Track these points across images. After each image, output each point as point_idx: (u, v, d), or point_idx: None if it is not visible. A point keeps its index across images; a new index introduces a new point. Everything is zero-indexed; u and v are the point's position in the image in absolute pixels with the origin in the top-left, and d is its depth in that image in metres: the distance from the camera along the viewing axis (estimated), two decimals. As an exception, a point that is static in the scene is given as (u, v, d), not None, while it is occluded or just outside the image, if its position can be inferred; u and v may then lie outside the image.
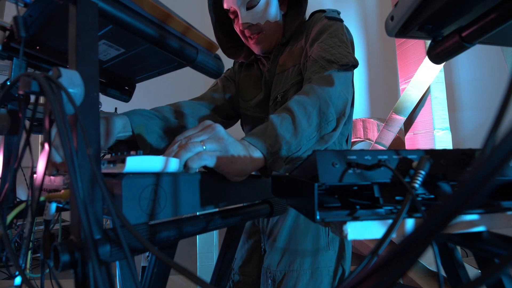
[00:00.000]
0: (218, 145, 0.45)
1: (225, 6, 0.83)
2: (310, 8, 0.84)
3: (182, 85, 4.40)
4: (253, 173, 0.54)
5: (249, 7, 0.80)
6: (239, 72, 1.01)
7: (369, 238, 0.30)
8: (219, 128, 0.47)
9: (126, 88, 0.77)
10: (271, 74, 0.89)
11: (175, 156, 0.42)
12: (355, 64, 0.72)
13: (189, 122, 0.83)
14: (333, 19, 0.81)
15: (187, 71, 0.69)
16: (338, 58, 0.70)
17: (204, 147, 0.44)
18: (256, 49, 0.88)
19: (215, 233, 1.92)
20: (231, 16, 0.85)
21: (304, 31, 0.85)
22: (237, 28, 0.86)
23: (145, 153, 0.46)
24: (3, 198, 0.35)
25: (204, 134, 0.46)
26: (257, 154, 0.51)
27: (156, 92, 4.08)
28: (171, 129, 0.76)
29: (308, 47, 0.79)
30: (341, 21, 0.81)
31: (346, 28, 0.81)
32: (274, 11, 0.83)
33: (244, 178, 0.50)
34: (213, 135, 0.46)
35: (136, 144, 0.68)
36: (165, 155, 0.43)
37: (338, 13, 0.84)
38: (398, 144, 2.16)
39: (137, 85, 0.79)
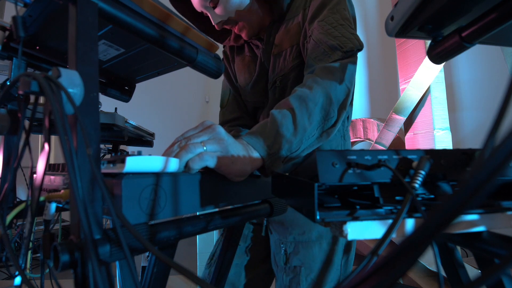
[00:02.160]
0: (218, 145, 0.46)
1: (197, 9, 0.80)
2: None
3: (182, 85, 4.41)
4: (255, 172, 0.54)
5: (213, 6, 0.76)
6: (232, 58, 0.96)
7: (369, 238, 0.30)
8: (219, 129, 0.47)
9: (126, 88, 0.77)
10: (267, 54, 0.84)
11: (175, 157, 0.42)
12: (360, 48, 0.67)
13: None
14: None
15: (187, 71, 0.69)
16: (342, 42, 0.65)
17: (205, 148, 0.44)
18: (243, 35, 0.84)
19: (215, 233, 1.92)
20: (209, 15, 0.81)
21: (301, 4, 0.78)
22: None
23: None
24: (3, 198, 0.35)
25: (205, 134, 0.46)
26: (255, 154, 0.51)
27: (156, 92, 4.09)
28: None
29: (307, 25, 0.73)
30: None
31: (349, 0, 0.74)
32: (238, 0, 0.77)
33: (244, 178, 0.50)
34: (213, 135, 0.46)
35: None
36: (165, 155, 0.43)
37: None
38: (398, 144, 2.16)
39: (137, 85, 0.79)
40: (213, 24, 0.79)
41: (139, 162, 0.35)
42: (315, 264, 0.79)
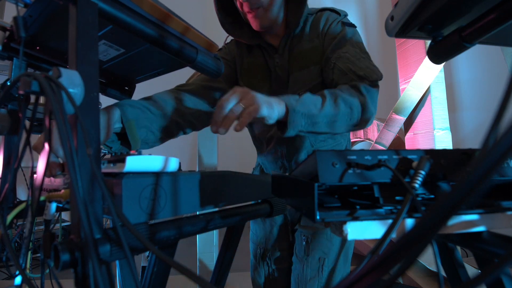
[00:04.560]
0: (250, 99, 0.56)
1: None
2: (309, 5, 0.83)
3: (182, 85, 4.40)
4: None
5: None
6: (240, 55, 0.96)
7: (369, 238, 0.30)
8: (245, 89, 0.58)
9: (126, 88, 0.77)
10: (284, 70, 0.86)
11: (223, 126, 0.55)
12: (381, 79, 0.76)
13: (187, 121, 0.80)
14: (350, 25, 0.82)
15: (187, 71, 0.69)
16: (368, 73, 0.74)
17: (242, 106, 0.55)
18: (254, 24, 0.84)
19: (215, 233, 1.92)
20: None
21: (316, 31, 0.83)
22: (236, 1, 0.82)
23: (134, 147, 0.44)
24: (3, 198, 0.35)
25: (236, 97, 0.56)
26: (282, 103, 0.61)
27: (156, 92, 4.08)
28: (163, 126, 0.74)
29: (329, 54, 0.80)
30: (355, 27, 0.84)
31: (359, 34, 0.84)
32: None
33: (271, 121, 0.59)
34: (242, 95, 0.56)
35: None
36: (213, 124, 0.55)
37: (346, 15, 0.86)
38: (398, 144, 2.16)
39: (137, 85, 0.79)
40: None
41: (139, 161, 0.35)
42: (334, 254, 0.85)
